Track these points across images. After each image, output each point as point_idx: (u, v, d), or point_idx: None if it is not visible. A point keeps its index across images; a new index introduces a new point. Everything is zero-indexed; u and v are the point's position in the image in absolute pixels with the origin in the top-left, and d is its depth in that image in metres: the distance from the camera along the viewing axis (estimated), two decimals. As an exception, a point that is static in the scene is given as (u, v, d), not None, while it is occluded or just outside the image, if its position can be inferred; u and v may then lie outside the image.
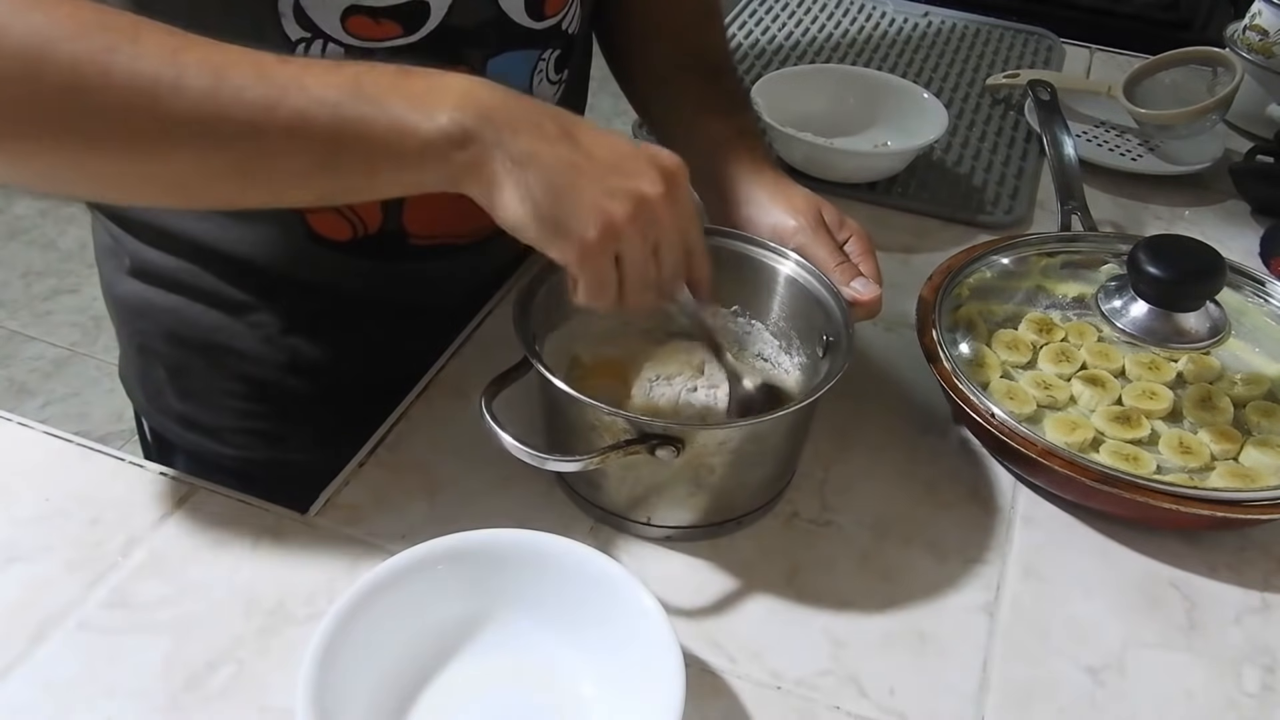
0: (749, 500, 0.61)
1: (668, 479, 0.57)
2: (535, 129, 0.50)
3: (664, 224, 0.51)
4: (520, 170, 0.49)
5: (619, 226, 0.50)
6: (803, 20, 1.24)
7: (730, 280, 0.66)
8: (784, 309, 0.67)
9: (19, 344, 2.08)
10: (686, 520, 0.60)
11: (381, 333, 0.76)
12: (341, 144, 0.49)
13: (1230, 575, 0.61)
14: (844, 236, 0.67)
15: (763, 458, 0.60)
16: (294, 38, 0.60)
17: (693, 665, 0.54)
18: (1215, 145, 0.99)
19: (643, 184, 0.50)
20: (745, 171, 0.69)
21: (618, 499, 0.60)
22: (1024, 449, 0.61)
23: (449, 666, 0.52)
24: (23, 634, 0.53)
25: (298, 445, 0.78)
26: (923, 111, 0.96)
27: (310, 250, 0.70)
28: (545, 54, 0.69)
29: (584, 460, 0.54)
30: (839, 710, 0.53)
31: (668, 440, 0.54)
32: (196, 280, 0.72)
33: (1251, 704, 0.55)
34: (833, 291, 0.63)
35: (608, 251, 0.51)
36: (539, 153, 0.49)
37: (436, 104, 0.49)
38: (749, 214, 0.68)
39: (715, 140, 0.71)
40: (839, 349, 0.60)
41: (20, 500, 0.60)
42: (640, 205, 0.50)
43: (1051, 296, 0.73)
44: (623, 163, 0.51)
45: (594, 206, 0.49)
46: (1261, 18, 1.04)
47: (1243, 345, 0.69)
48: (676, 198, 0.52)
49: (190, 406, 0.78)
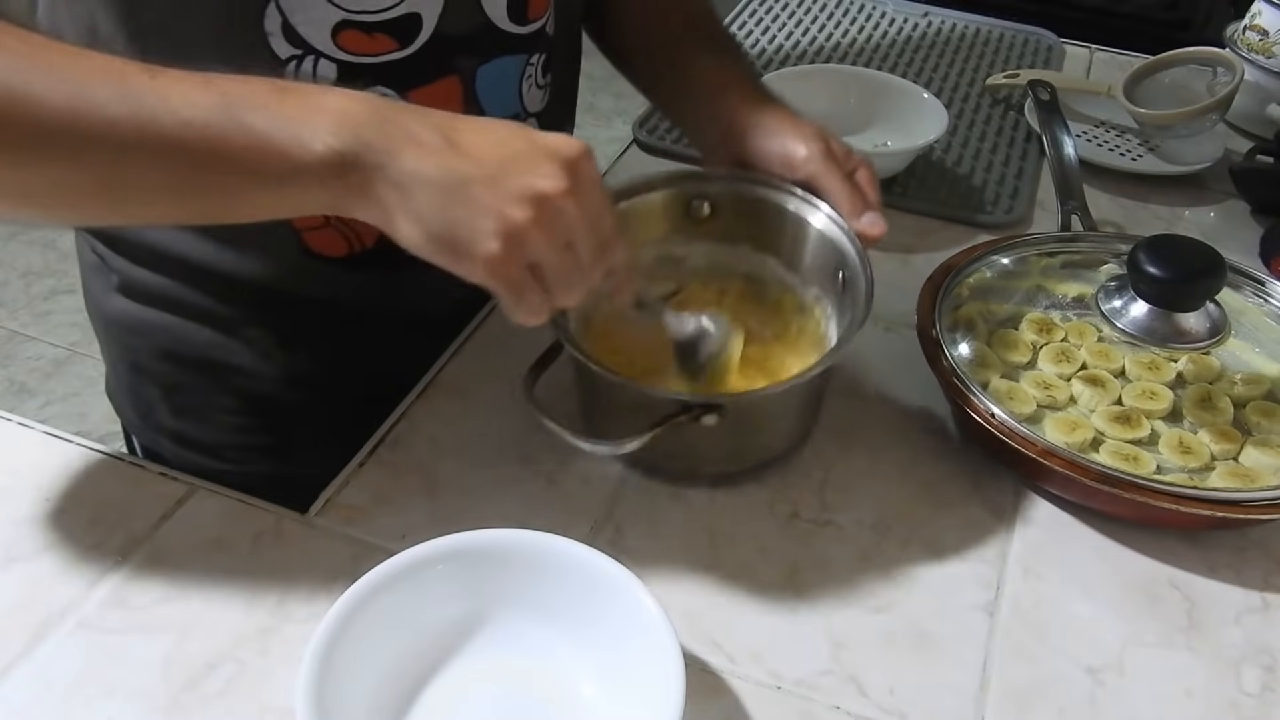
0: (786, 439, 0.65)
1: (710, 437, 0.59)
2: (415, 145, 0.46)
3: (571, 217, 0.48)
4: (405, 194, 0.47)
5: (521, 233, 0.47)
6: (803, 20, 1.24)
7: (746, 219, 0.67)
8: (797, 245, 0.67)
9: (19, 344, 2.08)
10: (728, 468, 0.64)
11: (381, 342, 0.75)
12: (208, 168, 0.47)
13: (1230, 575, 0.61)
14: (851, 167, 0.66)
15: (795, 405, 0.63)
16: (284, 56, 0.59)
17: (693, 665, 0.54)
18: (1215, 145, 0.99)
19: (539, 181, 0.47)
20: (751, 104, 0.68)
21: (660, 456, 0.63)
22: (1024, 449, 0.61)
23: (449, 666, 0.52)
24: (23, 634, 0.53)
25: (298, 458, 0.76)
26: (923, 111, 0.96)
27: (306, 266, 0.69)
28: (532, 58, 0.69)
29: (633, 441, 0.56)
30: (839, 710, 0.53)
31: (710, 408, 0.57)
32: (189, 299, 0.71)
33: (1251, 704, 0.55)
34: (844, 228, 0.64)
35: (516, 261, 0.48)
36: (421, 170, 0.46)
37: (311, 128, 0.46)
38: (758, 144, 0.67)
39: (716, 80, 0.70)
40: (856, 285, 0.61)
41: (20, 500, 0.60)
42: (540, 205, 0.47)
43: (1051, 296, 0.73)
44: (515, 161, 0.47)
45: (490, 218, 0.46)
46: (1261, 18, 1.04)
47: (1243, 345, 0.69)
48: (581, 187, 0.48)
49: (185, 424, 0.77)
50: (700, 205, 0.68)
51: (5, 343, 2.08)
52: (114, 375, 0.81)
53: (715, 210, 0.68)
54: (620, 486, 0.64)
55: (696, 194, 0.68)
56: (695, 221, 0.69)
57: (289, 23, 0.58)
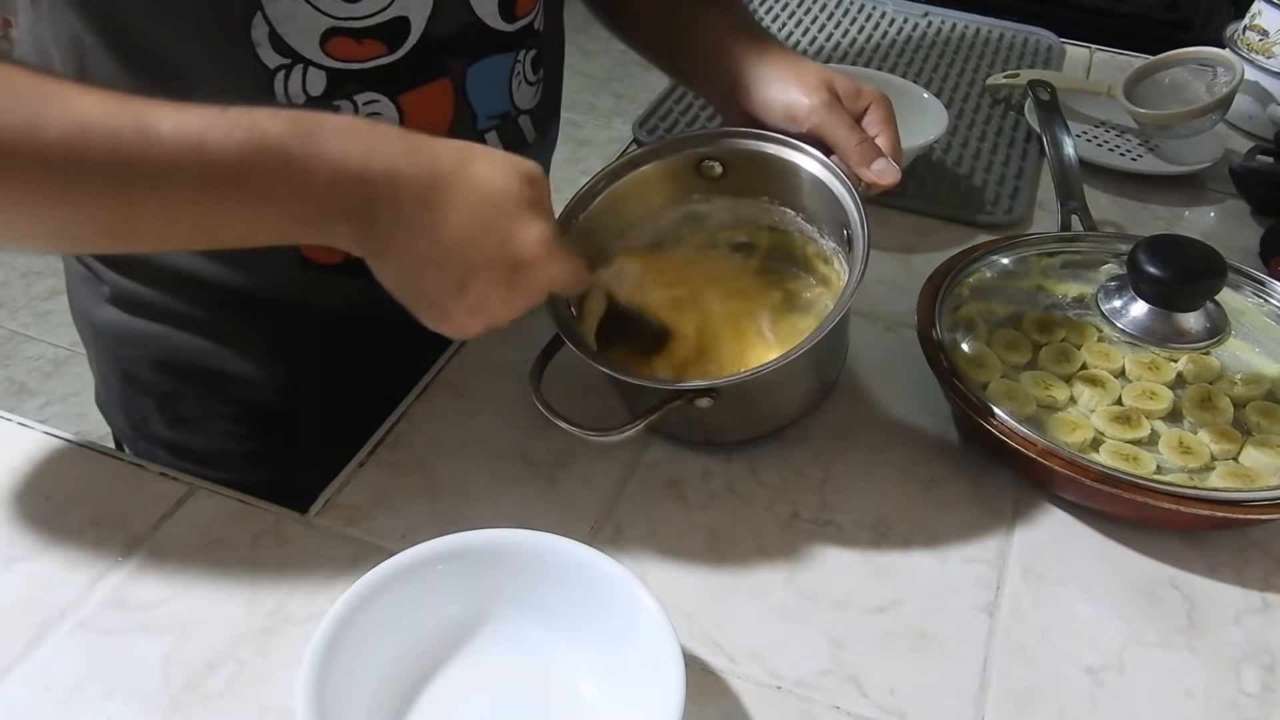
0: (800, 406, 0.67)
1: (715, 413, 0.61)
2: (399, 220, 0.50)
3: (508, 306, 0.54)
4: (381, 262, 0.52)
5: (460, 322, 0.54)
6: (802, 20, 1.24)
7: (758, 175, 0.67)
8: (809, 199, 0.67)
9: (19, 344, 2.08)
10: (743, 435, 0.66)
11: (378, 346, 0.74)
12: (217, 232, 0.51)
13: (1230, 575, 0.61)
14: (861, 105, 0.65)
15: (801, 376, 0.64)
16: (272, 65, 0.59)
17: (693, 665, 0.54)
18: (1215, 145, 0.99)
19: (490, 290, 0.52)
20: (752, 55, 0.67)
21: (678, 427, 0.66)
22: (1024, 449, 0.61)
23: (449, 666, 0.52)
24: (23, 634, 0.53)
25: (296, 463, 0.76)
26: (923, 111, 0.96)
27: (300, 275, 0.69)
28: (521, 55, 0.69)
29: (627, 430, 0.58)
30: (839, 710, 0.53)
31: (705, 393, 0.59)
32: (182, 308, 0.71)
33: (1251, 704, 0.55)
34: (848, 186, 0.63)
35: (455, 333, 0.55)
36: (394, 249, 0.51)
37: (320, 198, 0.49)
38: (761, 97, 0.66)
39: (715, 33, 0.70)
40: (855, 249, 0.61)
41: (20, 500, 0.60)
42: (482, 304, 0.53)
43: (1051, 296, 0.73)
44: (478, 245, 0.51)
45: (438, 308, 0.53)
46: (1261, 18, 1.04)
47: (1243, 345, 0.69)
48: (521, 285, 0.53)
49: (180, 433, 0.76)
50: (712, 166, 0.68)
51: (5, 343, 2.08)
52: (104, 386, 0.80)
53: (727, 168, 0.68)
54: (620, 486, 0.64)
55: (705, 155, 0.68)
56: (709, 180, 0.69)
57: (276, 32, 0.58)
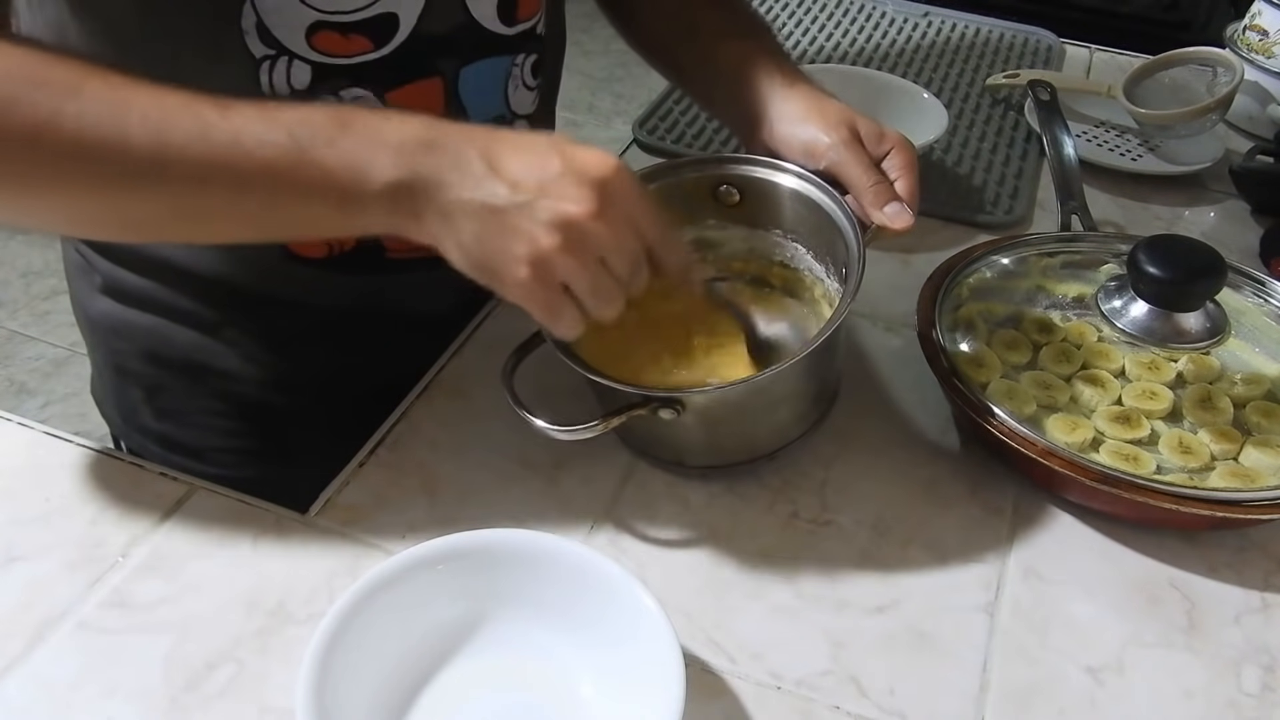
0: (777, 438, 0.64)
1: (683, 430, 0.60)
2: (461, 174, 0.50)
3: (600, 237, 0.50)
4: (449, 223, 0.50)
5: (549, 259, 0.50)
6: (802, 20, 1.24)
7: (772, 207, 0.67)
8: (817, 235, 0.67)
9: (19, 344, 2.08)
10: (713, 461, 0.64)
11: (370, 343, 0.75)
12: (278, 204, 0.51)
13: (1230, 575, 0.61)
14: (884, 149, 0.65)
15: (775, 406, 0.62)
16: (258, 55, 0.59)
17: (693, 665, 0.54)
18: (1215, 145, 0.99)
19: (568, 206, 0.49)
20: (775, 88, 0.67)
21: (649, 442, 0.65)
22: (1024, 449, 0.61)
23: (449, 666, 0.52)
24: (23, 634, 0.53)
25: (293, 461, 0.75)
26: (923, 111, 0.96)
27: (287, 268, 0.69)
28: (519, 60, 0.69)
29: (590, 426, 0.57)
30: (839, 710, 0.53)
31: (667, 403, 0.57)
32: (172, 300, 0.71)
33: (1251, 704, 0.55)
34: (851, 223, 0.62)
35: (545, 284, 0.51)
36: (463, 202, 0.50)
37: (372, 162, 0.49)
38: (782, 132, 0.66)
39: (737, 62, 0.69)
40: (848, 286, 0.60)
41: (20, 500, 0.60)
42: (568, 230, 0.49)
43: (1051, 296, 0.73)
44: (547, 187, 0.50)
45: (521, 244, 0.50)
46: (1261, 18, 1.04)
47: (1243, 345, 0.69)
48: (611, 205, 0.50)
49: (167, 426, 0.77)
50: (729, 192, 0.68)
51: (5, 343, 2.08)
52: (99, 378, 0.80)
53: (744, 197, 0.68)
54: (620, 486, 0.64)
55: (722, 180, 0.68)
56: (725, 206, 0.69)
57: (263, 23, 0.58)
